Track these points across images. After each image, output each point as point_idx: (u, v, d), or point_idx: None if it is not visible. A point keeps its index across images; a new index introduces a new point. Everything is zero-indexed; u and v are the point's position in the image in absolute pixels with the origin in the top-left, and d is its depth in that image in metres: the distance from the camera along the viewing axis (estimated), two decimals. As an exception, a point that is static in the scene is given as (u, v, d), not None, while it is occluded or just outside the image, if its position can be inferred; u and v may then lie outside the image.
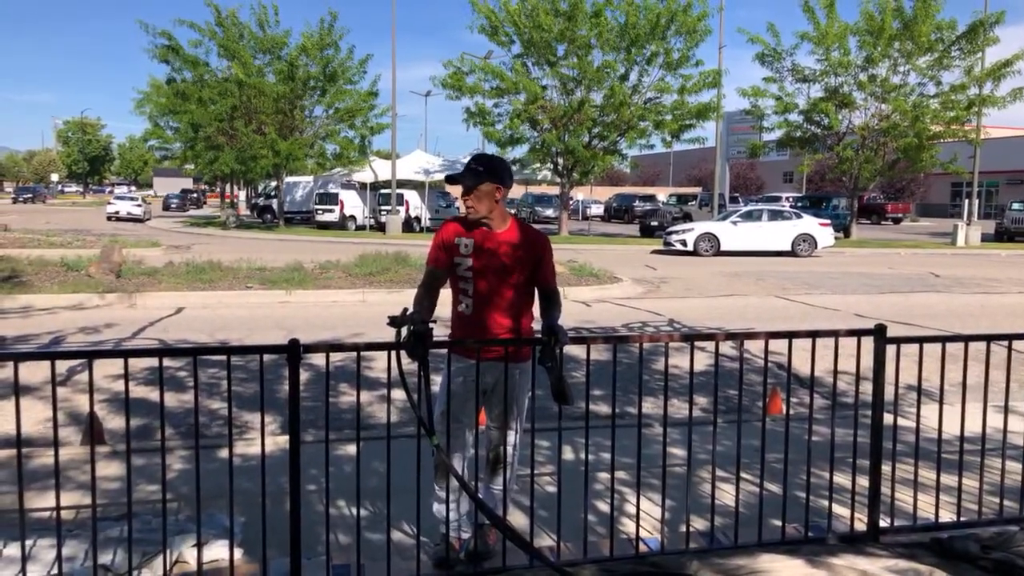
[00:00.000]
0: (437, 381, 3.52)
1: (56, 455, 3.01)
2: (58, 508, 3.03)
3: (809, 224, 24.16)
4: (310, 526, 3.49)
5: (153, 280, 12.83)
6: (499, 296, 3.43)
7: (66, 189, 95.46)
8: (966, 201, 33.46)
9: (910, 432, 4.08)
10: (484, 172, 3.41)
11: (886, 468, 3.80)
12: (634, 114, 28.03)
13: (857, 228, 32.30)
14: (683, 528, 3.63)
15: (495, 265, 3.41)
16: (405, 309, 3.30)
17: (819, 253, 23.83)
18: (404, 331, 3.24)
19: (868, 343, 3.70)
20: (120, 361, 3.14)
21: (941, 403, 3.95)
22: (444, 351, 3.36)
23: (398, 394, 3.28)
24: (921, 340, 3.85)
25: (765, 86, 29.79)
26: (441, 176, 33.66)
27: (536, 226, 4.21)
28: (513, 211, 46.77)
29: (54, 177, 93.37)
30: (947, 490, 3.92)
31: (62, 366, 6.76)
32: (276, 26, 31.50)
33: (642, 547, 3.56)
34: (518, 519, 3.82)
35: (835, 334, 3.71)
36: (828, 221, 25.33)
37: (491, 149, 30.72)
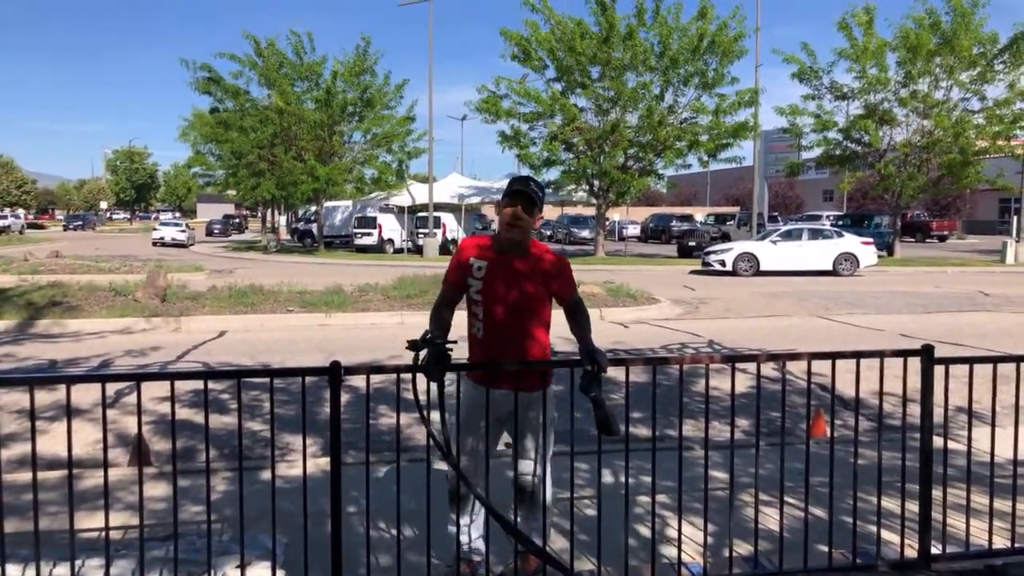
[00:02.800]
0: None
1: (105, 476, 3.08)
2: (107, 528, 3.10)
3: (851, 243, 23.75)
4: (351, 548, 3.51)
5: (197, 304, 13.10)
6: (510, 321, 3.36)
7: (114, 216, 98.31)
8: (1015, 218, 32.64)
9: (961, 456, 3.97)
10: (540, 200, 3.35)
11: (936, 493, 3.70)
12: (670, 134, 27.95)
13: (901, 246, 31.68)
14: (726, 553, 3.57)
15: (507, 290, 3.34)
16: (426, 332, 3.21)
17: (861, 272, 23.40)
18: (423, 353, 3.16)
19: (915, 364, 3.61)
20: (166, 384, 3.21)
21: (993, 425, 3.83)
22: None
23: (436, 415, 3.29)
24: (971, 360, 3.75)
25: (803, 104, 29.54)
26: (477, 199, 34.05)
27: (572, 247, 4.21)
28: (549, 232, 46.87)
29: (103, 205, 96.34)
30: (1000, 516, 3.80)
31: (111, 389, 6.93)
32: (312, 53, 32.20)
33: (684, 572, 3.51)
34: (558, 542, 3.79)
35: (880, 355, 3.64)
36: (870, 239, 24.87)
37: (526, 171, 30.88)
